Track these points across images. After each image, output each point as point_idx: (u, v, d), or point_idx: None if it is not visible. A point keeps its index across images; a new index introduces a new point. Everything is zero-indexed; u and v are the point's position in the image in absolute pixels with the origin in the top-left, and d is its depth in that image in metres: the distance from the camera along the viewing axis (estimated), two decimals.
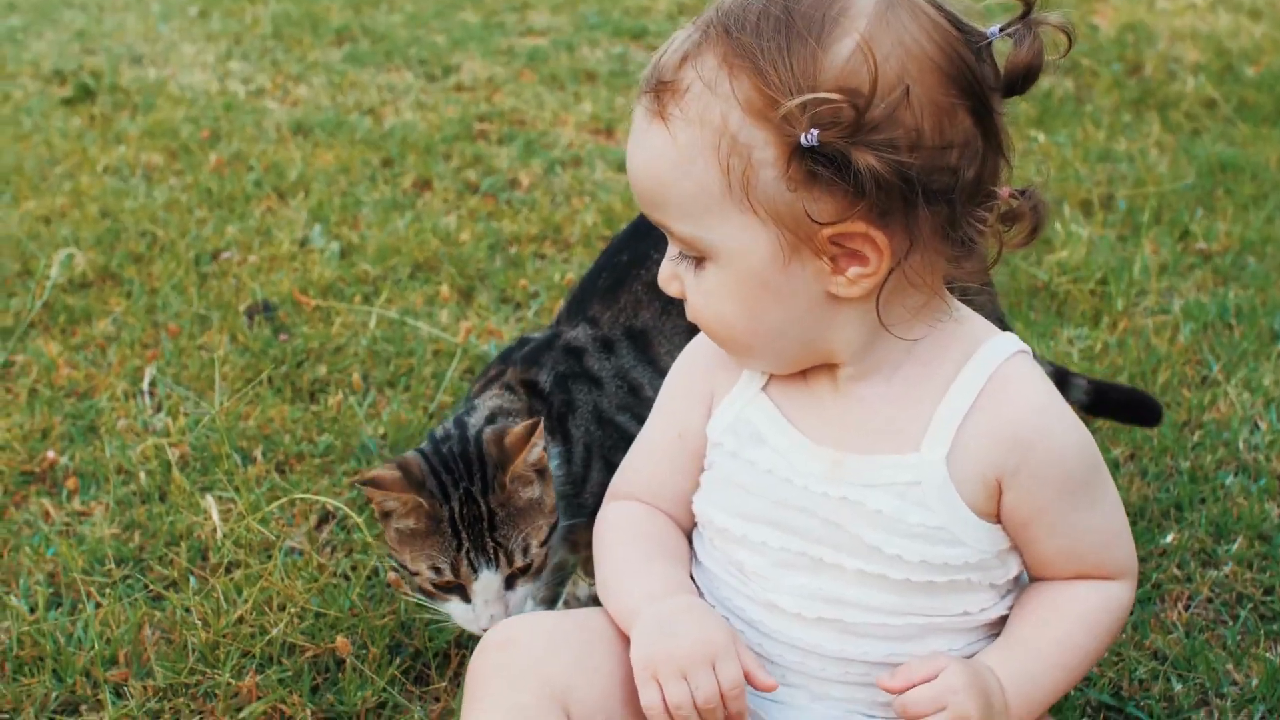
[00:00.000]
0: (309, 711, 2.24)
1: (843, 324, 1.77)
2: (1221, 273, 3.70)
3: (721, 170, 1.68)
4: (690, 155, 1.69)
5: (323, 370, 3.25)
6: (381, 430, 2.99)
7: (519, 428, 2.26)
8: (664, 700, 1.77)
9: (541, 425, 2.25)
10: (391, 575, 2.53)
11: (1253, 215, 4.05)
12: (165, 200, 4.20)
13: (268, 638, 2.38)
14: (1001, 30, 1.71)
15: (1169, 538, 2.62)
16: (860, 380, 1.82)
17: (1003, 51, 1.69)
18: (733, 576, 1.92)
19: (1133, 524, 2.63)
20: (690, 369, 1.99)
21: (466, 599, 2.25)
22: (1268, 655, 2.35)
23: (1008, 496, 1.80)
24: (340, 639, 2.36)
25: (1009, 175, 1.72)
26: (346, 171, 4.45)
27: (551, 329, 2.57)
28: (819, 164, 1.63)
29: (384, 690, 2.29)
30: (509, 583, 2.26)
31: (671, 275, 1.81)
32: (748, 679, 1.79)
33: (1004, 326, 2.19)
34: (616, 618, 1.90)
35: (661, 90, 1.70)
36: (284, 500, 2.73)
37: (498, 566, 2.24)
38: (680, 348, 2.03)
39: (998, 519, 1.82)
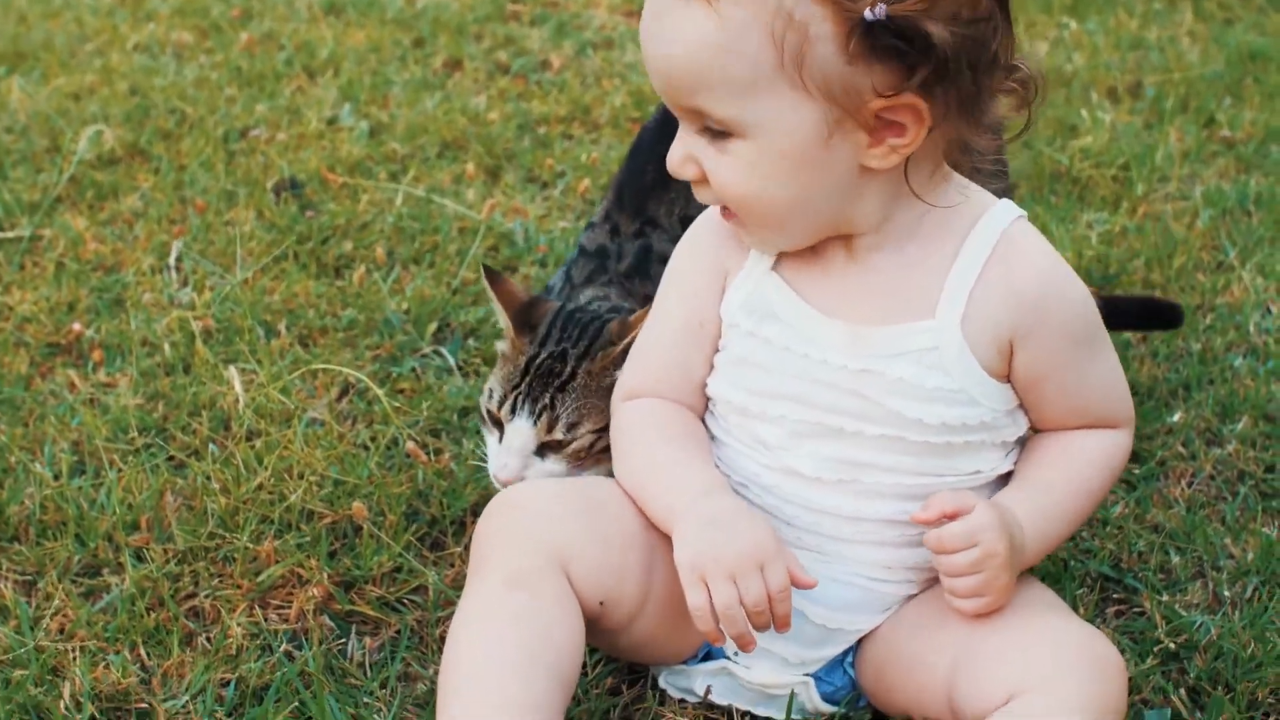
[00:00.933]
0: (325, 575, 2.29)
1: (868, 195, 1.83)
2: (1244, 160, 3.71)
3: (775, 47, 1.70)
4: (741, 34, 1.70)
5: (348, 246, 3.28)
6: (405, 305, 3.03)
7: (640, 312, 2.24)
8: (711, 603, 1.82)
9: None
10: (410, 445, 2.57)
11: (1279, 103, 4.04)
12: (195, 78, 4.21)
13: (286, 504, 2.43)
14: None
15: (1175, 416, 2.65)
16: (876, 250, 1.88)
17: None
18: (751, 449, 1.97)
19: (1141, 403, 2.67)
20: (700, 254, 2.01)
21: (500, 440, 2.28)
22: (1265, 530, 2.38)
23: (1021, 356, 1.86)
24: (357, 505, 2.41)
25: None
26: (377, 51, 4.46)
27: (607, 224, 2.58)
28: (884, 37, 1.67)
29: (399, 555, 2.34)
30: (541, 450, 2.26)
31: (686, 158, 1.83)
32: (791, 580, 1.83)
33: None
34: (656, 517, 1.95)
35: None
36: (304, 370, 2.78)
37: (535, 423, 2.24)
38: None
39: (1007, 378, 1.89)
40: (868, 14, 1.66)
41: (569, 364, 2.26)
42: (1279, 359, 2.81)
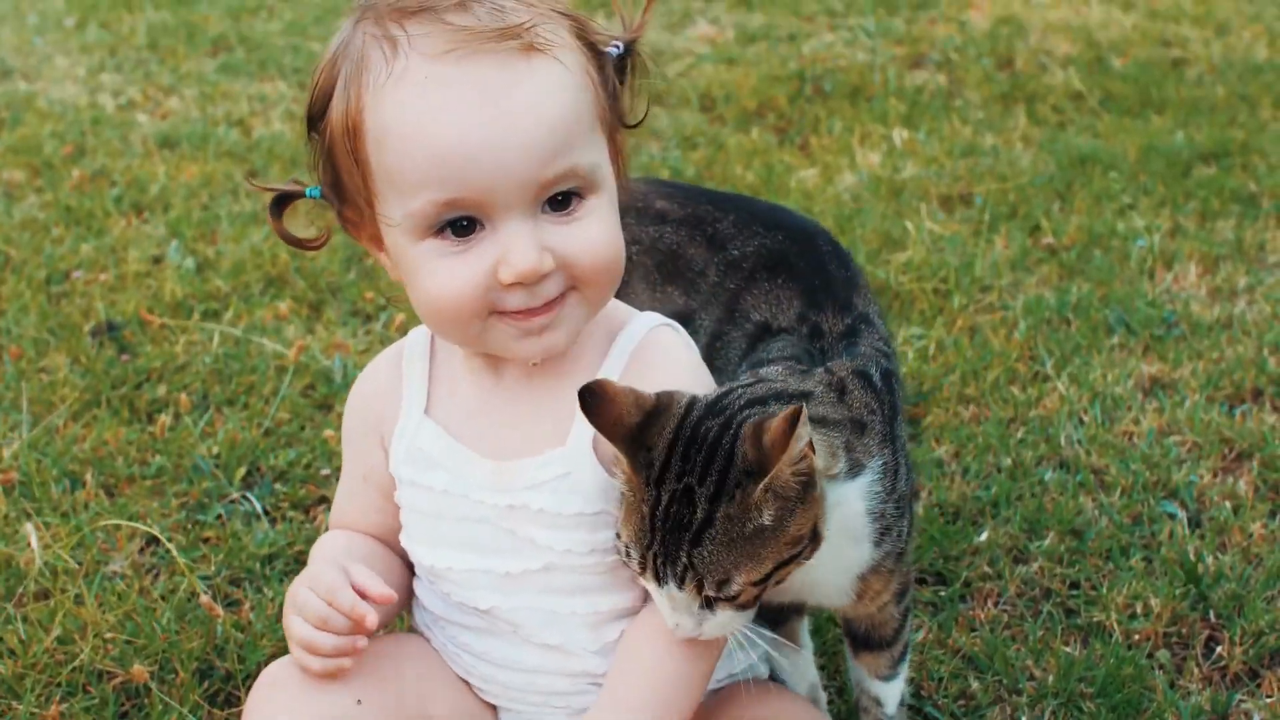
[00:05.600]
0: None
1: None
2: (1067, 267, 3.73)
3: (591, 85, 1.75)
4: (579, 74, 1.73)
5: (163, 390, 3.23)
6: (215, 450, 2.97)
7: (777, 419, 1.70)
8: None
9: (805, 413, 1.70)
10: (204, 599, 2.51)
11: (1105, 207, 4.08)
12: (22, 219, 4.15)
13: (74, 664, 2.36)
14: None
15: (983, 535, 2.64)
16: (525, 375, 1.88)
17: None
18: (448, 609, 1.97)
19: (949, 523, 2.65)
20: (360, 408, 2.01)
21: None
22: (1065, 649, 2.37)
23: None
24: (137, 667, 2.34)
25: None
26: (209, 185, 4.42)
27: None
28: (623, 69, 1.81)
29: (185, 717, 2.28)
30: (708, 603, 1.79)
31: (542, 248, 1.72)
32: (363, 594, 1.81)
33: None
34: None
35: (520, 31, 1.68)
36: (102, 524, 2.71)
37: (681, 587, 1.77)
38: None
39: None
40: (614, 49, 1.78)
41: (699, 508, 1.75)
42: (1088, 471, 2.81)
